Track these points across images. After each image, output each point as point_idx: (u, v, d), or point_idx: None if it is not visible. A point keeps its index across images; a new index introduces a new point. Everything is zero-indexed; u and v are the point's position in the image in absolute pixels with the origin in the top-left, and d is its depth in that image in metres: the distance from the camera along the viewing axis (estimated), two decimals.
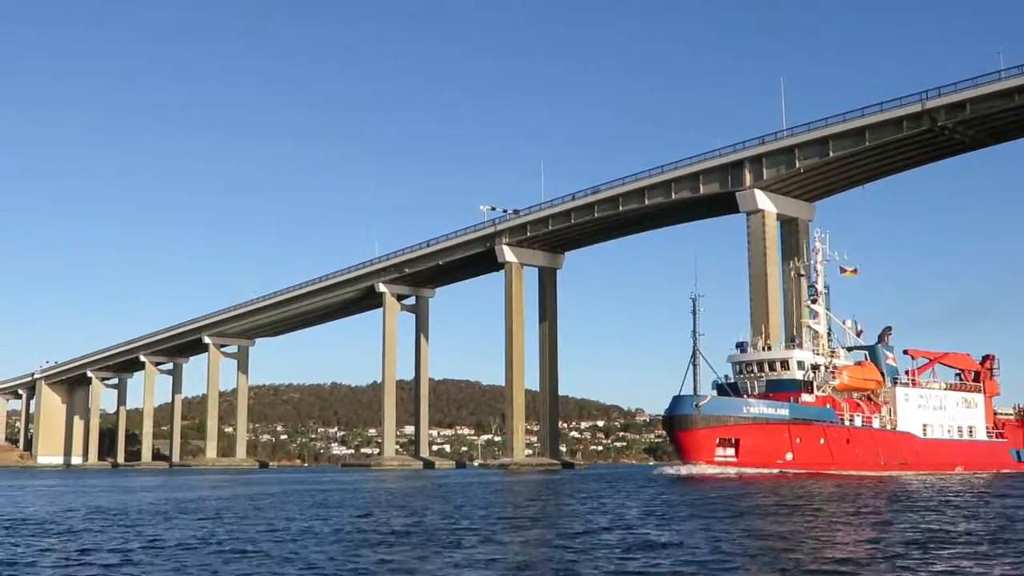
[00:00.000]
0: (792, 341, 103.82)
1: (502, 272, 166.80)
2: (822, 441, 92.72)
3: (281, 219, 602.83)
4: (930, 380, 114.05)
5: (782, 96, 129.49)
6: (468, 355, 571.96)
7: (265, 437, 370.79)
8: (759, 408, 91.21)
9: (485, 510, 38.56)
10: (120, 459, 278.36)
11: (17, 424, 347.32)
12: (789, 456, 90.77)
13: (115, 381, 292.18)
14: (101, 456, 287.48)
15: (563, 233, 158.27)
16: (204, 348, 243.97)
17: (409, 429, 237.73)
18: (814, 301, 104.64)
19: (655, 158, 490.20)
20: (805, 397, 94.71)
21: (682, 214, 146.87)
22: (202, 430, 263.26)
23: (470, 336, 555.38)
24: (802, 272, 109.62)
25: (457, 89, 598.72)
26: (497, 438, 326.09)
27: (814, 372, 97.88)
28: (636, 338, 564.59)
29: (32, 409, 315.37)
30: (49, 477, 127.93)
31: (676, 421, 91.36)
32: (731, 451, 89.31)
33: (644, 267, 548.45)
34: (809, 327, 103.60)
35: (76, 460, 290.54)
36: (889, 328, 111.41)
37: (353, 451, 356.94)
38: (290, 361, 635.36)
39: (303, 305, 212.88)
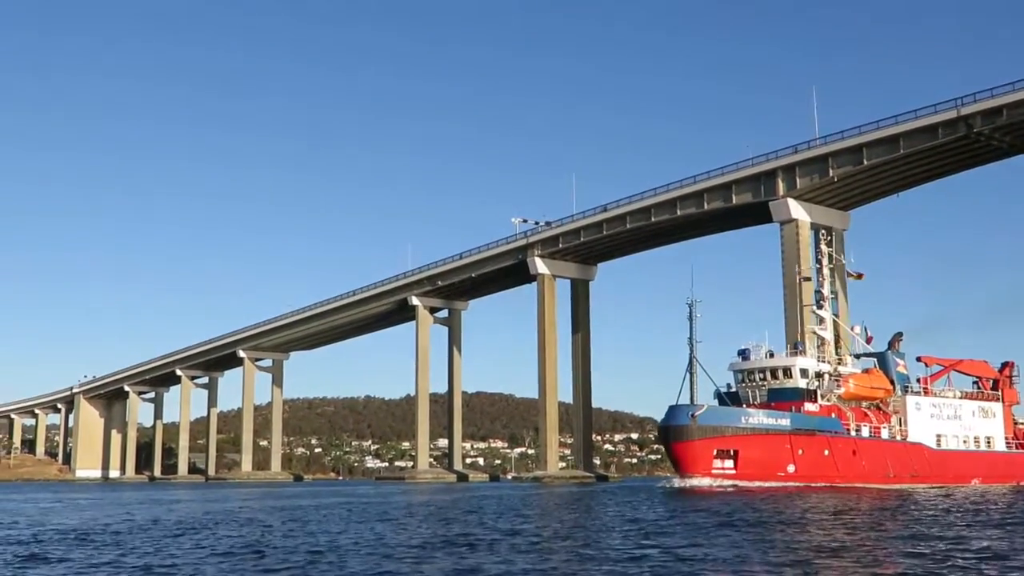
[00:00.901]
0: (795, 348, 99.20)
1: (534, 284, 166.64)
2: (826, 452, 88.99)
3: (315, 233, 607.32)
4: (944, 388, 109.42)
5: (814, 104, 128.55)
6: (501, 368, 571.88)
7: (300, 450, 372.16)
8: (758, 418, 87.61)
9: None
10: (157, 472, 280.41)
11: (56, 438, 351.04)
12: (791, 468, 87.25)
13: (152, 395, 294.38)
14: (138, 470, 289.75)
15: (595, 244, 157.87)
16: (239, 362, 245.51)
17: (443, 442, 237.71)
18: (820, 307, 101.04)
19: (687, 168, 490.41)
20: (808, 406, 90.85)
21: (714, 224, 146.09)
22: (237, 443, 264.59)
23: (503, 349, 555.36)
24: (808, 276, 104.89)
25: (489, 101, 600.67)
26: (531, 451, 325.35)
27: (819, 380, 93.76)
28: (670, 349, 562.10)
29: (71, 423, 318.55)
30: (88, 490, 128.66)
31: (671, 432, 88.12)
32: (729, 463, 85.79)
33: (677, 277, 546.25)
34: (815, 334, 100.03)
35: (114, 474, 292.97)
36: (900, 334, 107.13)
37: (387, 464, 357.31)
38: (324, 374, 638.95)
39: (337, 318, 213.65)
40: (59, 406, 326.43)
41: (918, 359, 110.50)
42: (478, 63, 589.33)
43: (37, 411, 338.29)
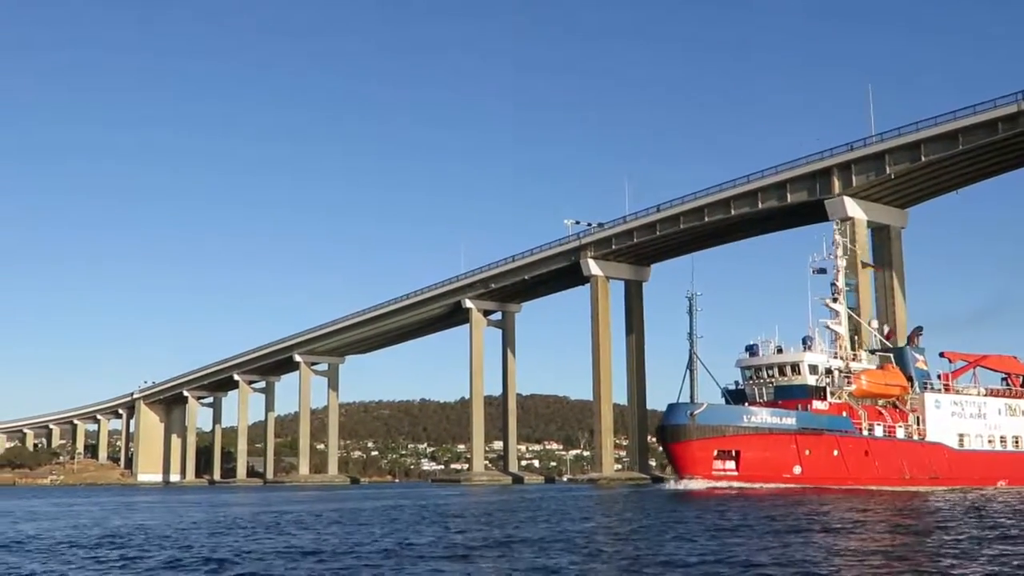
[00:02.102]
0: (804, 343, 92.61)
1: (588, 286, 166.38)
2: (836, 453, 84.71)
3: (369, 237, 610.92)
4: (968, 385, 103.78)
5: (870, 101, 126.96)
6: (555, 370, 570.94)
7: (356, 453, 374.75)
8: (761, 417, 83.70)
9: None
10: (216, 476, 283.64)
11: (118, 443, 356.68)
12: (797, 470, 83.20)
13: (210, 400, 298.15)
14: (198, 473, 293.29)
15: (648, 245, 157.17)
16: (295, 366, 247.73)
17: (498, 444, 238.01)
18: (834, 300, 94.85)
19: (741, 168, 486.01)
20: (817, 404, 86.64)
21: (769, 224, 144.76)
22: (295, 447, 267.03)
23: (557, 351, 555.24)
24: (822, 268, 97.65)
25: (540, 103, 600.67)
26: (586, 453, 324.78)
27: (829, 377, 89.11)
28: (724, 349, 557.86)
29: (132, 428, 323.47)
30: (151, 493, 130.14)
31: (669, 431, 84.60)
32: (731, 464, 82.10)
33: (729, 277, 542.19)
34: (828, 328, 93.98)
35: (174, 477, 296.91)
36: (920, 328, 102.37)
37: (443, 467, 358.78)
38: (380, 378, 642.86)
39: (391, 322, 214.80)
40: (120, 411, 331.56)
41: (941, 354, 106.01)
42: (529, 63, 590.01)
43: (99, 417, 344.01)
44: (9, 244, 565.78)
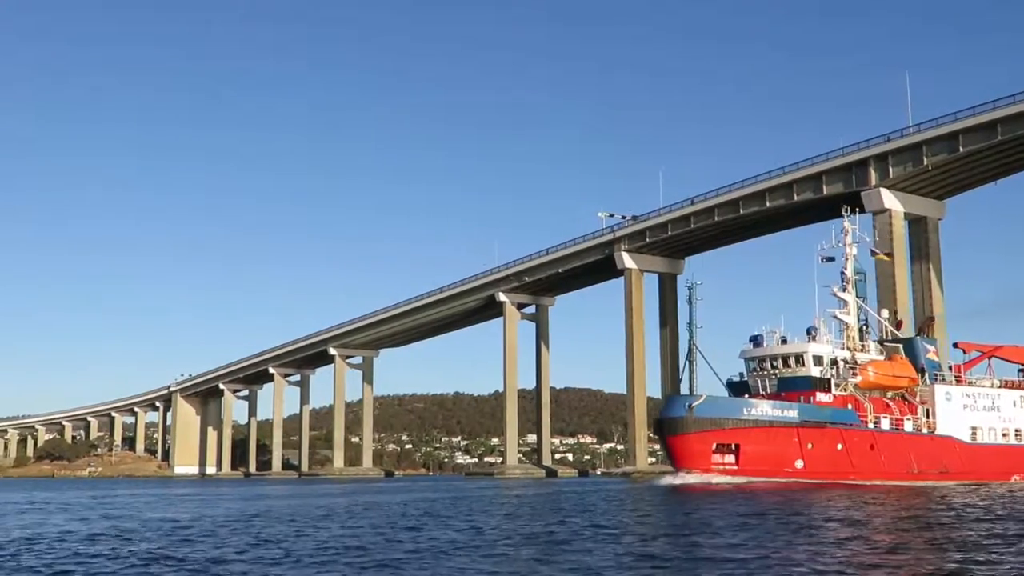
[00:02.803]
0: (808, 333, 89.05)
1: (621, 279, 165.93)
2: (840, 447, 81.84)
3: (403, 231, 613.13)
4: (982, 377, 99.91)
5: (907, 92, 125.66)
6: (589, 363, 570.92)
7: (391, 446, 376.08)
8: (762, 409, 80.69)
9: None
10: (252, 469, 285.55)
11: (155, 435, 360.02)
12: (799, 464, 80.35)
13: (246, 393, 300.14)
14: (234, 466, 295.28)
15: (683, 238, 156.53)
16: (330, 360, 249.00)
17: (532, 438, 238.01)
18: (844, 289, 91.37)
19: (775, 159, 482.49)
20: (820, 396, 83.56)
21: (805, 216, 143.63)
22: (329, 440, 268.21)
23: (591, 344, 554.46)
24: (830, 256, 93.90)
25: (573, 96, 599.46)
26: (619, 446, 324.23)
27: (834, 368, 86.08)
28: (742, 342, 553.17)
29: (169, 421, 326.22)
30: (191, 486, 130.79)
31: (666, 424, 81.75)
32: (731, 458, 79.44)
33: (764, 270, 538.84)
34: (836, 318, 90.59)
35: (210, 470, 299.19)
36: (931, 318, 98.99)
37: (476, 460, 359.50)
38: (414, 371, 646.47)
39: (425, 315, 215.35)
40: (157, 404, 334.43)
41: (955, 345, 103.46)
42: (564, 57, 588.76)
43: (136, 409, 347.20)
44: (47, 238, 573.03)
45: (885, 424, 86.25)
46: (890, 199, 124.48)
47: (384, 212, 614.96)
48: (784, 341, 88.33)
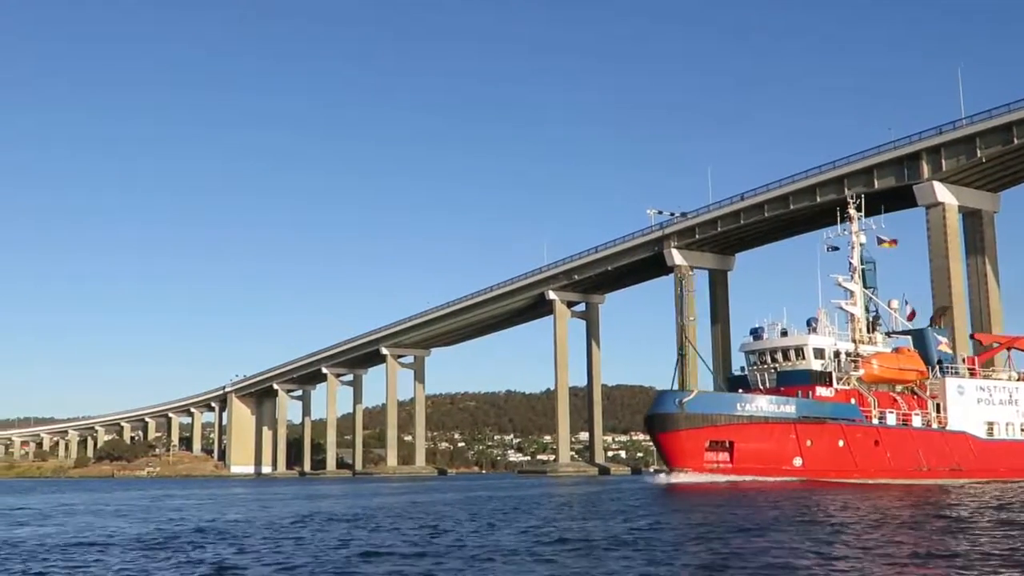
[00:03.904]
0: (808, 325, 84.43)
1: (671, 276, 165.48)
2: (841, 444, 77.73)
3: (453, 230, 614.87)
4: (998, 369, 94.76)
5: (959, 84, 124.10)
6: (640, 360, 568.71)
7: (443, 445, 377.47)
8: (757, 405, 76.65)
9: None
10: (306, 468, 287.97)
11: (211, 435, 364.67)
12: (797, 462, 76.29)
13: (299, 393, 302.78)
14: (288, 465, 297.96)
15: (733, 234, 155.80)
16: (382, 359, 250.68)
17: (584, 435, 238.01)
18: (850, 279, 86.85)
19: (826, 154, 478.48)
20: (821, 391, 79.12)
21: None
22: (382, 439, 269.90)
23: (642, 341, 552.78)
24: (835, 246, 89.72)
25: (623, 93, 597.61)
26: None
27: (837, 361, 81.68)
28: None
29: (224, 421, 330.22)
30: (254, 485, 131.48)
31: (656, 421, 78.20)
32: (725, 456, 75.78)
33: (815, 265, 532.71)
34: (842, 309, 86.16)
35: (266, 469, 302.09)
36: (944, 308, 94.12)
37: (529, 458, 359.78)
38: (465, 370, 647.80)
39: (476, 314, 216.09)
40: (213, 405, 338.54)
41: (972, 336, 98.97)
42: (610, 54, 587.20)
43: (193, 409, 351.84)
44: (106, 243, 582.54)
45: (891, 419, 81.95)
46: (943, 193, 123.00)
47: (434, 213, 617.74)
48: (785, 333, 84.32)
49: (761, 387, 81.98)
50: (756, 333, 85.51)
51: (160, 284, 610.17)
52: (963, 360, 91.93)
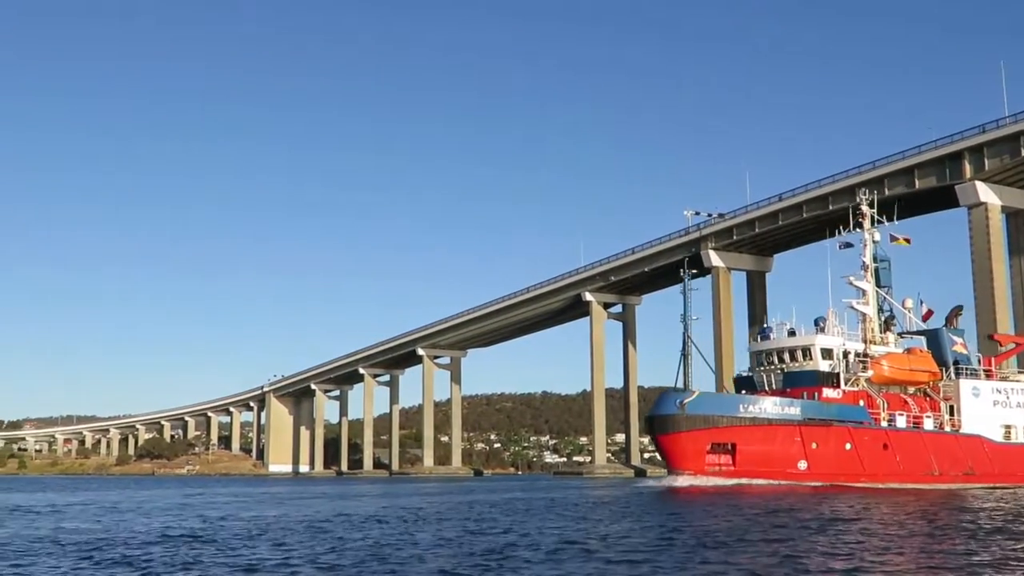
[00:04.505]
0: (816, 324, 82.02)
1: (709, 277, 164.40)
2: (848, 447, 75.30)
3: (489, 231, 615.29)
4: (1017, 371, 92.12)
5: (1003, 81, 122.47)
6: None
7: (479, 445, 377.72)
8: (760, 406, 74.45)
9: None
10: (344, 467, 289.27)
11: (250, 434, 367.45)
12: (802, 465, 74.20)
13: (337, 393, 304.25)
14: (326, 465, 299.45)
15: (771, 235, 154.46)
16: (419, 360, 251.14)
17: (620, 437, 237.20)
18: (862, 277, 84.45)
19: (864, 154, 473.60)
20: (828, 392, 76.84)
21: (897, 211, 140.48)
22: (419, 439, 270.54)
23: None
24: (849, 243, 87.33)
25: (659, 95, 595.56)
26: None
27: (845, 362, 79.17)
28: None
29: (263, 420, 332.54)
30: (295, 484, 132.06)
31: (657, 422, 76.37)
32: (727, 458, 73.80)
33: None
34: (853, 308, 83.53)
35: (303, 468, 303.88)
36: (959, 308, 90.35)
37: (565, 459, 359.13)
38: (501, 371, 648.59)
39: (512, 315, 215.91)
40: (251, 404, 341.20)
41: (990, 337, 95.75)
42: (648, 55, 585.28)
43: (232, 409, 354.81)
44: (149, 243, 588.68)
45: (901, 422, 79.20)
46: (986, 192, 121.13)
47: (470, 214, 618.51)
48: (792, 333, 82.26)
49: (768, 388, 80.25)
50: (763, 333, 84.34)
51: (202, 284, 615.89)
52: (979, 361, 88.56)
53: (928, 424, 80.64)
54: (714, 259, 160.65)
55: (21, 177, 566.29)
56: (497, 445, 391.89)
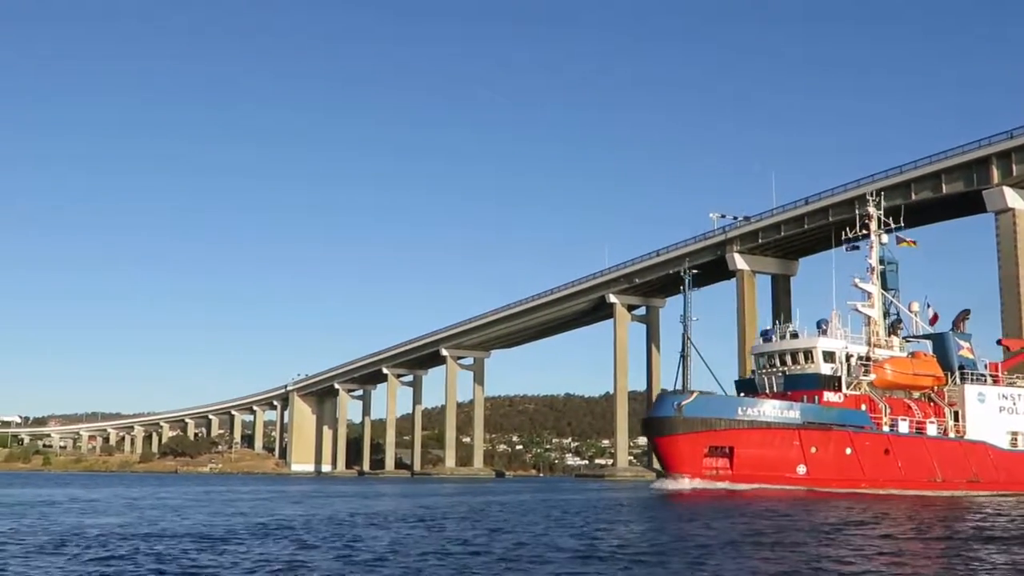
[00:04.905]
0: (818, 327, 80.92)
1: (734, 280, 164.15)
2: (848, 451, 74.11)
3: (512, 231, 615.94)
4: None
5: None
6: (701, 365, 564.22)
7: (501, 447, 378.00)
8: (760, 409, 73.35)
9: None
10: (366, 467, 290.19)
11: (273, 433, 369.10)
12: (801, 469, 73.11)
13: (360, 393, 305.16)
14: (348, 464, 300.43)
15: (796, 239, 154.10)
16: (442, 360, 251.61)
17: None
18: (868, 280, 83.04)
19: (891, 159, 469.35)
20: (828, 396, 75.68)
21: (922, 216, 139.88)
22: (441, 440, 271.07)
23: (702, 346, 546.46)
24: (855, 245, 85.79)
25: (688, 99, 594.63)
26: None
27: (847, 365, 77.83)
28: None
29: (286, 419, 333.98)
30: (310, 483, 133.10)
31: (653, 425, 75.07)
32: (724, 462, 72.62)
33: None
34: (858, 311, 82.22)
35: (326, 468, 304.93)
36: (966, 311, 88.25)
37: (587, 462, 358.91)
38: (524, 372, 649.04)
39: (536, 317, 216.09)
40: (275, 403, 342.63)
41: (999, 342, 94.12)
42: (675, 56, 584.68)
43: (255, 408, 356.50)
44: (172, 241, 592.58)
45: (903, 427, 77.91)
46: (1014, 198, 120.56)
47: (494, 214, 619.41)
48: (795, 336, 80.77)
49: (769, 391, 78.93)
50: (766, 336, 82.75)
51: (228, 284, 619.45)
52: (985, 366, 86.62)
53: (932, 430, 79.56)
54: (739, 262, 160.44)
55: (59, 174, 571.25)
56: (519, 447, 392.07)
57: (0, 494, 64.66)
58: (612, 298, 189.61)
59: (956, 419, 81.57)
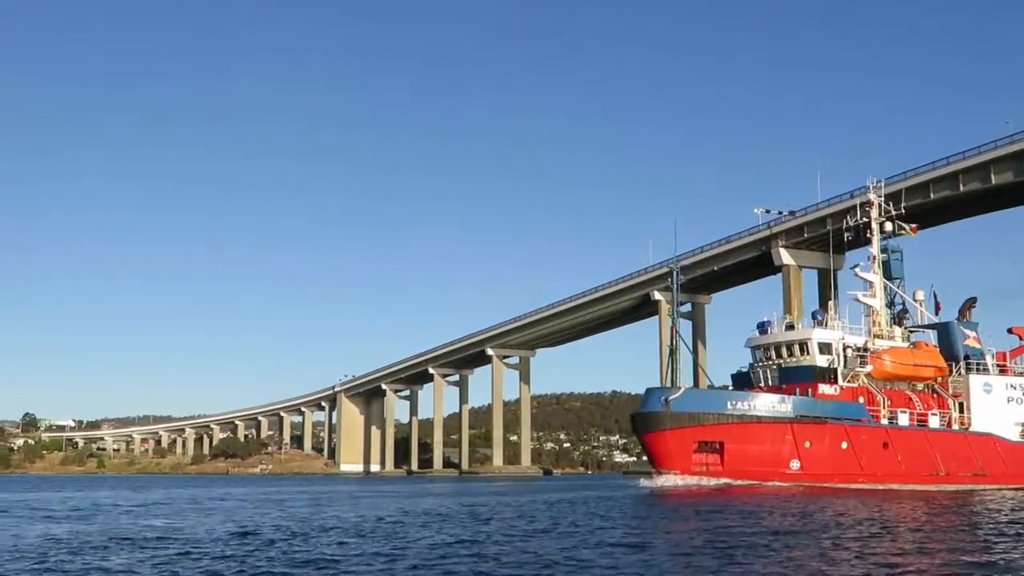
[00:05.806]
0: (814, 318, 79.07)
1: (779, 276, 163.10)
2: (844, 445, 71.71)
3: (556, 229, 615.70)
4: None
5: None
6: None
7: (549, 445, 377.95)
8: (749, 403, 71.19)
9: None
10: (414, 467, 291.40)
11: (321, 434, 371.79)
12: (795, 465, 70.67)
13: (407, 393, 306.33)
14: (396, 464, 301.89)
15: (842, 233, 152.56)
16: (488, 360, 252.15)
17: None
18: (869, 268, 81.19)
19: (937, 149, 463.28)
20: (823, 388, 73.11)
21: (971, 207, 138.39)
22: (488, 439, 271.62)
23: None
24: (859, 234, 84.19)
25: (729, 91, 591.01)
26: None
27: (844, 357, 75.13)
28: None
29: (334, 420, 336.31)
30: (362, 483, 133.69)
31: (641, 420, 72.92)
32: (714, 458, 70.54)
33: (934, 265, 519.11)
34: (859, 300, 79.97)
35: (374, 467, 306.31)
36: (973, 300, 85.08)
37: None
38: (570, 370, 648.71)
39: (581, 315, 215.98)
40: (323, 404, 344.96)
41: (1010, 331, 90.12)
42: (717, 51, 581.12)
43: (303, 409, 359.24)
44: (226, 256, 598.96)
45: (903, 419, 75.34)
46: None
47: (538, 213, 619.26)
48: (790, 327, 79.43)
49: (764, 385, 76.48)
50: (762, 327, 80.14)
51: (275, 287, 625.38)
52: (994, 355, 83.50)
53: (934, 422, 77.05)
54: (784, 257, 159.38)
55: (108, 176, 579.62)
56: (567, 445, 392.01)
57: (127, 498, 64.54)
58: (657, 295, 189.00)
59: (961, 411, 79.08)
